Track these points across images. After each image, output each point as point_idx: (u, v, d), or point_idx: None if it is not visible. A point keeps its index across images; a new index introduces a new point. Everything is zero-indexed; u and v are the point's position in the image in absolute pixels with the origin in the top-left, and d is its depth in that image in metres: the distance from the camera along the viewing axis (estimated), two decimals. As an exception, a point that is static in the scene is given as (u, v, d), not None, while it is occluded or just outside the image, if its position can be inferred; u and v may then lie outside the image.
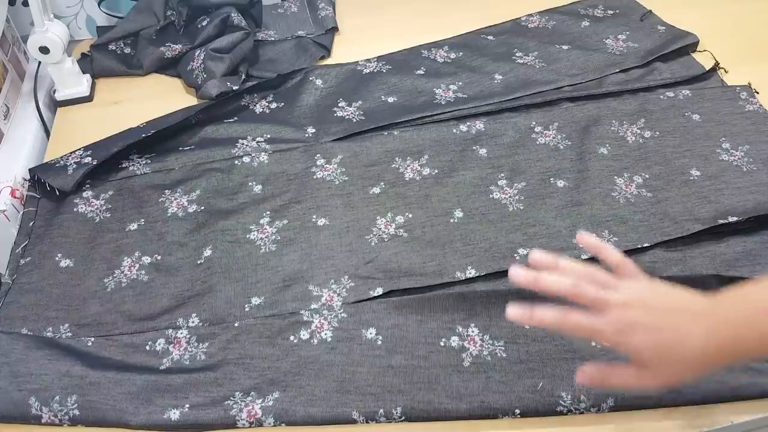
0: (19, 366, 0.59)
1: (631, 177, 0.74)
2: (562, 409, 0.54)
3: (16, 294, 0.67)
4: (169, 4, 0.98)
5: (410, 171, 0.77)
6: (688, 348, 0.42)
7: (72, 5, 1.02)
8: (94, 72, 0.96)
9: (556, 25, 1.01)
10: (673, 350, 0.43)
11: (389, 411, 0.55)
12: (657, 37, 0.94)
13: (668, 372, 0.43)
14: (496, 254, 0.67)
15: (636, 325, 0.43)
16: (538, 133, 0.80)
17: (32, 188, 0.77)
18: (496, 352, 0.58)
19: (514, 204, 0.72)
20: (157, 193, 0.76)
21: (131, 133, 0.81)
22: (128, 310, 0.65)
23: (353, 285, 0.65)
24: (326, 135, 0.82)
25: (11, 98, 0.88)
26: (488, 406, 0.55)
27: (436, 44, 0.98)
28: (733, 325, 0.42)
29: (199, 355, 0.60)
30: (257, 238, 0.70)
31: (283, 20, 1.05)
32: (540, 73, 0.89)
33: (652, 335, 0.43)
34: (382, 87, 0.90)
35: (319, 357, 0.59)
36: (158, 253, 0.70)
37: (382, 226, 0.71)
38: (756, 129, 0.79)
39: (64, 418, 0.56)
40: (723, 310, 0.43)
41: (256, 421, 0.55)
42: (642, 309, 0.44)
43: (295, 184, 0.76)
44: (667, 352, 0.43)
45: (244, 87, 0.89)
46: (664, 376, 0.44)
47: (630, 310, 0.43)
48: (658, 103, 0.84)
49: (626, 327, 0.43)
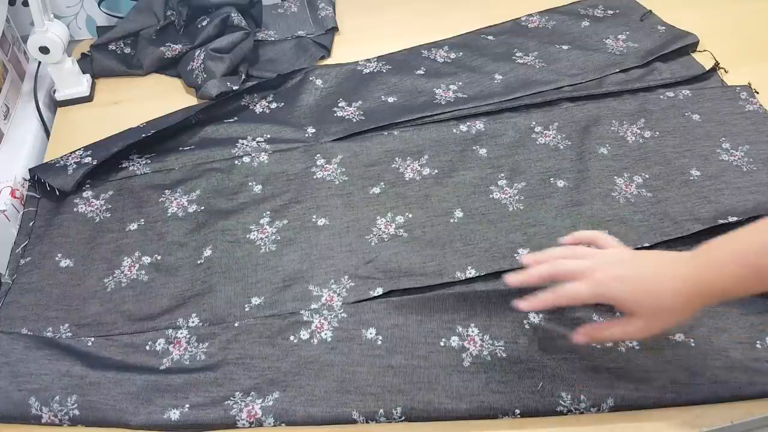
0: (19, 366, 0.59)
1: (631, 177, 0.74)
2: (562, 409, 0.54)
3: (16, 294, 0.67)
4: (169, 4, 0.98)
5: (410, 171, 0.77)
6: (665, 290, 0.46)
7: (72, 5, 1.02)
8: (94, 72, 0.96)
9: (556, 25, 1.01)
10: (653, 294, 0.47)
11: (389, 411, 0.55)
12: (657, 37, 0.94)
13: (653, 317, 0.47)
14: (496, 254, 0.67)
15: (614, 278, 0.48)
16: (538, 133, 0.80)
17: (32, 188, 0.77)
18: (496, 352, 0.58)
19: (514, 204, 0.72)
20: (157, 193, 0.76)
21: (131, 133, 0.81)
22: (128, 310, 0.65)
23: (353, 285, 0.65)
24: (326, 135, 0.82)
25: (11, 98, 0.88)
26: (488, 406, 0.55)
27: (436, 44, 0.98)
28: (705, 268, 0.46)
29: (199, 355, 0.60)
30: (257, 238, 0.70)
31: (283, 20, 1.05)
32: (540, 73, 0.89)
33: (629, 284, 0.47)
34: (382, 87, 0.90)
35: (319, 357, 0.59)
36: (158, 253, 0.70)
37: (382, 226, 0.71)
38: (756, 129, 0.79)
39: (64, 418, 0.56)
40: (695, 257, 0.47)
41: (256, 421, 0.55)
42: (617, 265, 0.49)
43: (295, 184, 0.76)
44: (647, 296, 0.47)
45: (244, 87, 0.89)
46: (650, 322, 0.47)
47: (606, 268, 0.48)
48: (658, 103, 0.84)
49: (603, 283, 0.48)
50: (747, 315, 0.60)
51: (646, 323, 0.48)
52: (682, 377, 0.55)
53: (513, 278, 0.52)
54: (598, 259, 0.50)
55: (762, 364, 0.56)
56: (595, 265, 0.49)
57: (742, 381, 0.55)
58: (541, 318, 0.60)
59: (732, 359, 0.57)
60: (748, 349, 0.57)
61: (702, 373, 0.56)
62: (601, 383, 0.55)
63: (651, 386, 0.55)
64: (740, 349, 0.57)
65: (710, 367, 0.56)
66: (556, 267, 0.50)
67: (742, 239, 0.46)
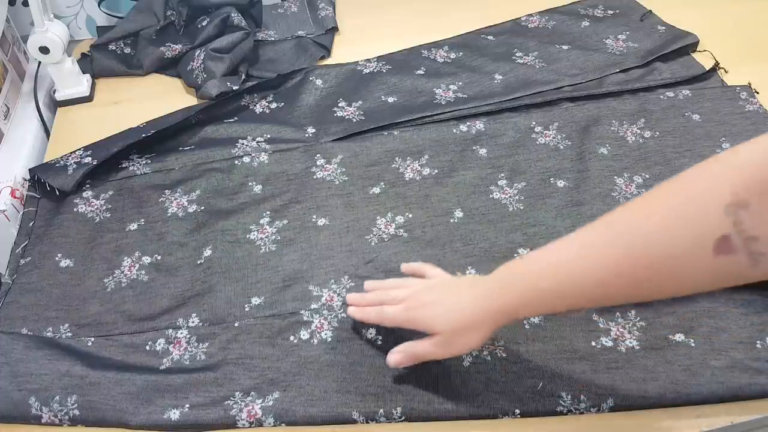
0: (19, 366, 0.59)
1: (631, 177, 0.74)
2: (562, 409, 0.54)
3: (16, 294, 0.67)
4: (169, 4, 0.98)
5: (410, 171, 0.77)
6: (464, 313, 0.51)
7: (72, 5, 1.02)
8: (94, 72, 0.96)
9: (556, 25, 1.01)
10: (453, 317, 0.51)
11: (389, 411, 0.55)
12: (657, 37, 0.94)
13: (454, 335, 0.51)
14: (496, 254, 0.67)
15: (420, 305, 0.53)
16: (538, 133, 0.80)
17: (32, 188, 0.77)
18: (496, 352, 0.58)
19: (514, 204, 0.72)
20: (157, 193, 0.76)
21: (131, 133, 0.81)
22: (128, 310, 0.65)
23: (353, 285, 0.65)
24: (326, 135, 0.82)
25: (11, 98, 0.88)
26: (488, 406, 0.55)
27: (436, 44, 0.98)
28: (496, 289, 0.50)
29: (199, 355, 0.60)
30: (257, 238, 0.70)
31: (283, 20, 1.05)
32: (540, 73, 0.89)
33: (433, 308, 0.52)
34: (382, 87, 0.90)
35: (319, 357, 0.59)
36: (158, 253, 0.70)
37: (382, 226, 0.71)
38: (756, 129, 0.79)
39: (64, 418, 0.56)
40: (489, 281, 0.51)
41: (256, 421, 0.55)
42: (424, 292, 0.55)
43: (295, 184, 0.76)
44: (449, 319, 0.51)
45: (244, 87, 0.89)
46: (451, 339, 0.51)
47: (416, 296, 0.55)
48: (658, 103, 0.84)
49: (413, 308, 0.53)
50: (747, 315, 0.60)
51: (447, 340, 0.51)
52: (682, 377, 0.55)
53: (351, 298, 0.61)
54: (415, 287, 0.56)
55: (762, 364, 0.56)
56: (410, 294, 0.55)
57: (742, 381, 0.55)
58: (540, 318, 0.60)
59: (732, 359, 0.57)
60: (749, 348, 0.57)
61: (702, 373, 0.56)
62: (601, 383, 0.55)
63: (651, 386, 0.55)
64: (740, 349, 0.57)
65: (710, 367, 0.56)
66: (383, 295, 0.58)
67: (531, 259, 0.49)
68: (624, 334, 0.59)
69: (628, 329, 0.59)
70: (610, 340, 0.58)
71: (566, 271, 0.45)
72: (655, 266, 0.40)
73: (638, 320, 0.60)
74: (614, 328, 0.60)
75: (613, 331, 0.59)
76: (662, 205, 0.41)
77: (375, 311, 0.57)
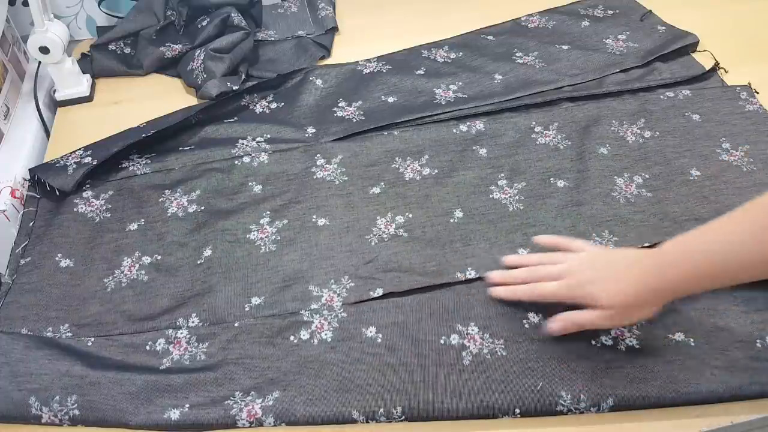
0: (19, 366, 0.59)
1: (631, 177, 0.74)
2: (562, 409, 0.54)
3: (16, 294, 0.67)
4: (169, 4, 0.98)
5: (410, 171, 0.77)
6: (630, 291, 0.52)
7: (72, 5, 1.02)
8: (94, 72, 0.96)
9: (556, 25, 1.01)
10: (619, 294, 0.52)
11: (389, 410, 0.55)
12: (657, 37, 0.94)
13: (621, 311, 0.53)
14: (496, 254, 0.67)
15: (584, 281, 0.54)
16: (538, 133, 0.80)
17: (32, 188, 0.77)
18: (496, 350, 0.58)
19: (514, 204, 0.72)
20: (157, 193, 0.76)
21: (131, 133, 0.81)
22: (128, 310, 0.65)
23: (353, 285, 0.65)
24: (326, 135, 0.82)
25: (11, 98, 0.88)
26: (488, 405, 0.55)
27: (436, 44, 0.98)
28: (659, 267, 0.52)
29: (199, 355, 0.60)
30: (257, 238, 0.70)
31: (283, 20, 1.05)
32: (540, 73, 0.89)
33: (597, 285, 0.54)
34: (382, 87, 0.90)
35: (319, 356, 0.59)
36: (158, 253, 0.70)
37: (382, 226, 0.71)
38: (756, 129, 0.79)
39: (64, 418, 0.56)
40: (652, 257, 0.53)
41: (256, 421, 0.55)
42: (584, 268, 0.55)
43: (295, 184, 0.76)
44: (616, 296, 0.53)
45: (244, 87, 0.89)
46: (618, 314, 0.53)
47: (576, 272, 0.55)
48: (658, 103, 0.84)
49: (576, 284, 0.55)
50: (748, 313, 0.60)
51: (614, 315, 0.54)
52: (682, 377, 0.55)
53: (495, 276, 0.60)
54: (571, 263, 0.57)
55: (762, 364, 0.56)
56: (569, 269, 0.56)
57: (742, 381, 0.55)
58: (540, 317, 0.60)
59: (732, 358, 0.57)
60: (749, 348, 0.57)
61: (702, 373, 0.56)
62: (601, 383, 0.55)
63: (651, 386, 0.55)
64: (740, 348, 0.57)
65: (710, 366, 0.56)
66: (535, 271, 0.58)
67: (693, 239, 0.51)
68: (624, 333, 0.59)
69: (628, 328, 0.59)
70: (610, 339, 0.58)
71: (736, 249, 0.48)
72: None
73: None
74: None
75: (613, 330, 0.59)
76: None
77: (529, 288, 0.57)
